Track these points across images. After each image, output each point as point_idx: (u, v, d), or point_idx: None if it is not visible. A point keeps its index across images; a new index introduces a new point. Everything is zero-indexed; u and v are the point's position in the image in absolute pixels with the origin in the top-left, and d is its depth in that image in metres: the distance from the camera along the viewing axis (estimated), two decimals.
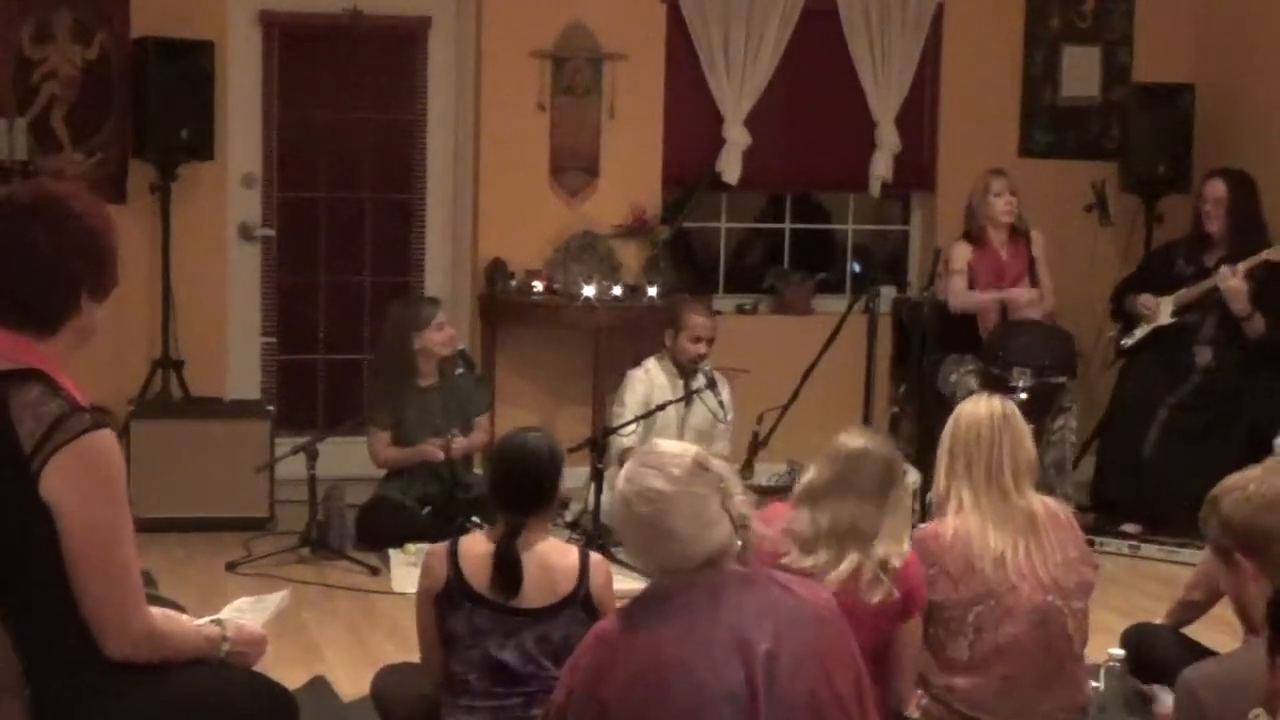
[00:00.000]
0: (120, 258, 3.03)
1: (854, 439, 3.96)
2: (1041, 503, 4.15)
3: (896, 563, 3.86)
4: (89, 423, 2.88)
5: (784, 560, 3.75)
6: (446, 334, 6.70)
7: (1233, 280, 6.82)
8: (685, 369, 6.74)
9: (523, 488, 3.87)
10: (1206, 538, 3.41)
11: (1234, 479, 3.36)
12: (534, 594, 3.80)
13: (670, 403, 6.64)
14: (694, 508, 2.83)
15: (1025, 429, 4.19)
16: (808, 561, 3.80)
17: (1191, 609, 4.55)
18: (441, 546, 3.91)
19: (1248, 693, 2.83)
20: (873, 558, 3.84)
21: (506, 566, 3.79)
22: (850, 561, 3.82)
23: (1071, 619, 4.08)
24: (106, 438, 2.91)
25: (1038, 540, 4.07)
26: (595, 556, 3.95)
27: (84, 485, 2.86)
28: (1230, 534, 3.27)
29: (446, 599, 3.84)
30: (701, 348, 6.71)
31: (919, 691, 4.12)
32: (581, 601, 3.82)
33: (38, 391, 2.89)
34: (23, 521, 2.86)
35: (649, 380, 6.75)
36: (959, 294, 7.22)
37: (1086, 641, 4.18)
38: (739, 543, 2.87)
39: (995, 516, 4.06)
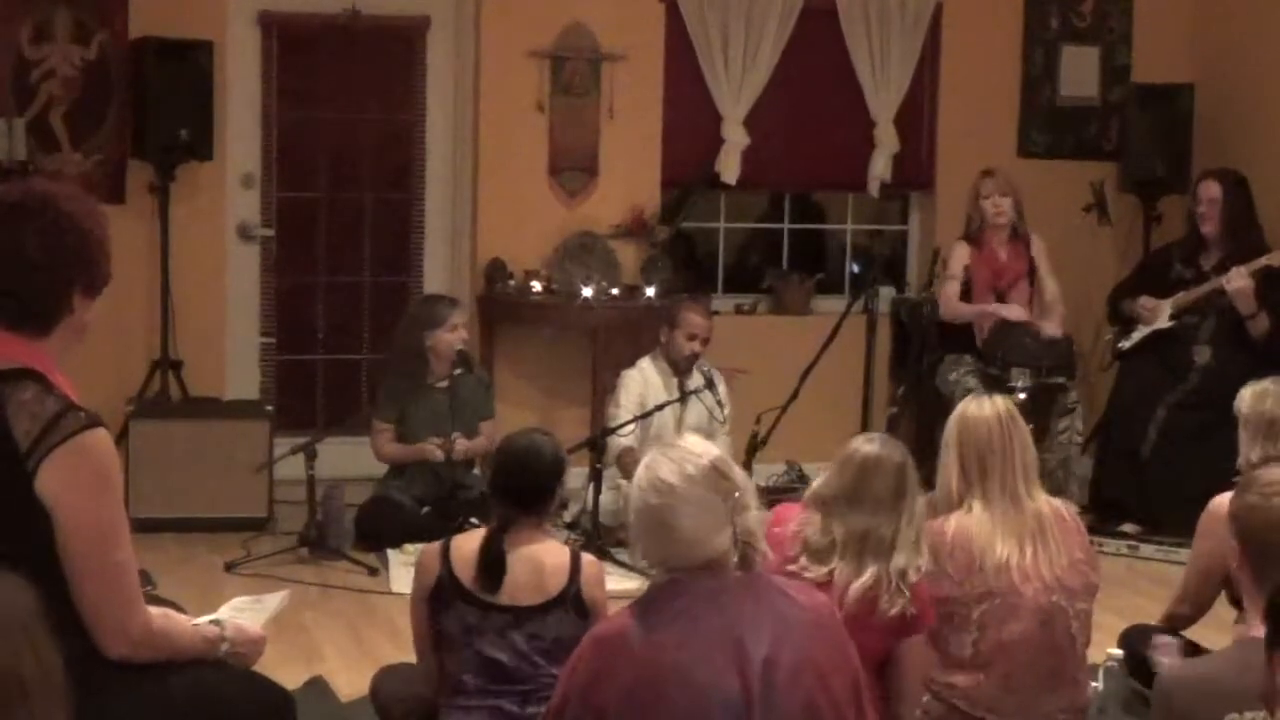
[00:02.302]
0: (112, 254, 3.03)
1: (867, 446, 3.85)
2: (1049, 504, 4.13)
3: (914, 575, 3.77)
4: (85, 421, 2.89)
5: (791, 567, 3.69)
6: (458, 335, 6.68)
7: (1240, 282, 6.82)
8: (679, 367, 6.72)
9: (519, 485, 3.87)
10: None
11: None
12: (521, 592, 3.79)
13: (667, 403, 6.63)
14: (699, 511, 2.82)
15: (1026, 428, 4.19)
16: (822, 570, 3.73)
17: (1177, 620, 4.56)
18: (435, 545, 3.90)
19: (1225, 698, 2.83)
20: (893, 568, 3.75)
21: (490, 560, 3.78)
22: (871, 573, 3.73)
23: (1075, 620, 4.08)
24: (102, 436, 2.91)
25: (1044, 542, 4.05)
26: (587, 556, 3.94)
27: (80, 483, 2.86)
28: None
29: (438, 596, 3.82)
30: (696, 346, 6.69)
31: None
32: (572, 601, 3.80)
33: (33, 390, 2.89)
34: (20, 521, 2.86)
35: (643, 380, 6.73)
36: (948, 303, 7.20)
37: (1089, 644, 4.17)
38: (737, 557, 2.85)
39: (1005, 522, 4.03)
